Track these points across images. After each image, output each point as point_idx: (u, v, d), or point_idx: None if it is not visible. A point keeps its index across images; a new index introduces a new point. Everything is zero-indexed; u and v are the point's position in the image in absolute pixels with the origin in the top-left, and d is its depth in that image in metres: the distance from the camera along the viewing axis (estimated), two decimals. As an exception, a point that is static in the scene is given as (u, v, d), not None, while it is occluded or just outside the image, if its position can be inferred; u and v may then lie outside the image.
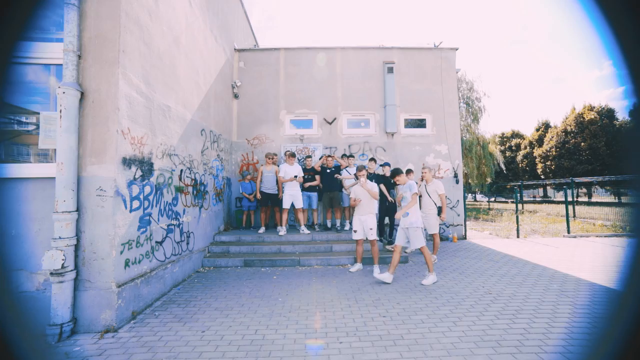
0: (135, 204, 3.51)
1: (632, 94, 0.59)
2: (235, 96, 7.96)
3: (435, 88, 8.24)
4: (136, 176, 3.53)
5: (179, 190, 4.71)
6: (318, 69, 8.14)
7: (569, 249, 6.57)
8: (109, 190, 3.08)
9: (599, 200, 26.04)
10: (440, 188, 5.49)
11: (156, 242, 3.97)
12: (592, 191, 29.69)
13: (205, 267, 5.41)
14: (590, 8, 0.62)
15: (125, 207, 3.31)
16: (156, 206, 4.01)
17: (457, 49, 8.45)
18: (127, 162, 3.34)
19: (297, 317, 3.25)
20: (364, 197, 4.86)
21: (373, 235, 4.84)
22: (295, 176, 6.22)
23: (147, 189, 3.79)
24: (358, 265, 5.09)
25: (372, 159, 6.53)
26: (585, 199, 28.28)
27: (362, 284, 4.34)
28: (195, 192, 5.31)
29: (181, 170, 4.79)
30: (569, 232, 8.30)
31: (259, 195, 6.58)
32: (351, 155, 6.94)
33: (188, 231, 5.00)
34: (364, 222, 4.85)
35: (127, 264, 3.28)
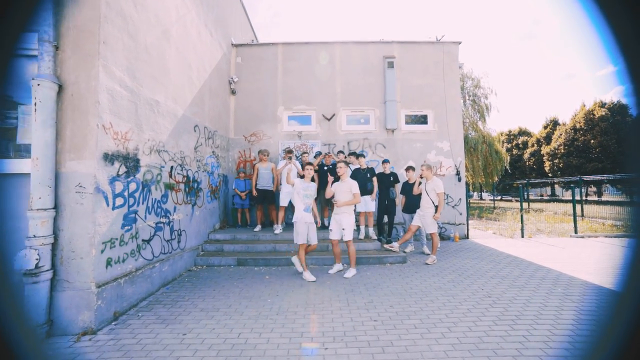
0: (119, 201, 3.40)
1: (632, 93, 0.58)
2: (233, 92, 7.82)
3: (437, 83, 7.99)
4: (120, 172, 3.42)
5: (169, 187, 4.60)
6: (317, 64, 7.96)
7: (576, 250, 6.31)
8: (88, 187, 2.97)
9: (609, 199, 25.37)
10: (439, 186, 5.28)
11: (143, 240, 3.87)
12: (603, 190, 28.95)
13: (198, 266, 5.31)
14: (589, 7, 0.62)
15: (107, 204, 3.20)
16: (143, 203, 3.90)
17: (459, 43, 8.19)
18: (109, 158, 3.22)
19: (284, 320, 3.11)
20: (340, 195, 4.66)
21: (347, 235, 4.60)
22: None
23: (133, 186, 3.68)
24: (337, 266, 4.84)
25: (361, 155, 6.30)
26: (595, 197, 27.59)
27: (356, 285, 4.18)
28: (187, 189, 5.20)
29: (172, 167, 4.68)
30: (576, 232, 8.01)
31: (254, 192, 6.45)
32: (353, 153, 6.75)
33: (179, 229, 4.89)
34: (339, 221, 4.64)
35: (109, 263, 3.18)
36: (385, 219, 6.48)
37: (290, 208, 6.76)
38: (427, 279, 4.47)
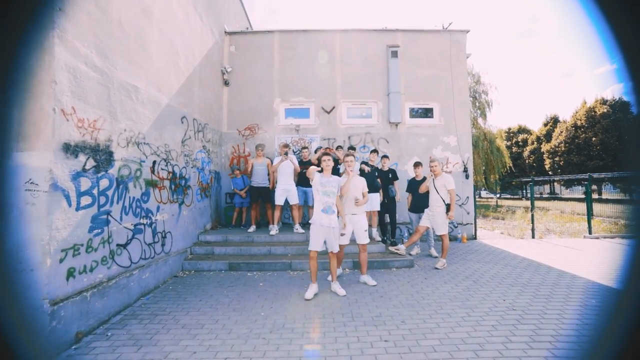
0: (86, 200, 2.90)
1: (632, 91, 0.57)
2: (226, 83, 7.29)
3: (444, 74, 7.51)
4: (87, 167, 2.92)
5: (151, 184, 4.09)
6: (316, 53, 7.44)
7: (595, 252, 5.88)
8: (42, 184, 2.46)
9: (609, 197, 25.07)
10: (450, 183, 4.82)
11: (118, 245, 3.37)
12: (602, 188, 28.63)
13: (186, 271, 4.81)
14: (587, 4, 0.60)
15: (69, 204, 2.70)
16: (118, 203, 3.40)
17: (467, 31, 7.70)
18: (71, 150, 2.72)
19: (278, 341, 2.63)
20: (356, 192, 4.02)
21: (366, 238, 4.01)
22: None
23: (105, 183, 3.18)
24: (338, 271, 4.36)
25: (375, 151, 5.85)
26: (595, 195, 27.30)
27: (361, 295, 3.72)
28: (173, 186, 4.70)
29: (154, 162, 4.17)
30: (590, 232, 7.57)
31: (247, 170, 5.98)
32: (352, 148, 6.29)
33: (163, 231, 4.40)
34: (356, 223, 3.99)
35: (71, 274, 2.68)
36: (387, 218, 6.03)
37: (287, 206, 6.27)
38: (439, 286, 4.01)
